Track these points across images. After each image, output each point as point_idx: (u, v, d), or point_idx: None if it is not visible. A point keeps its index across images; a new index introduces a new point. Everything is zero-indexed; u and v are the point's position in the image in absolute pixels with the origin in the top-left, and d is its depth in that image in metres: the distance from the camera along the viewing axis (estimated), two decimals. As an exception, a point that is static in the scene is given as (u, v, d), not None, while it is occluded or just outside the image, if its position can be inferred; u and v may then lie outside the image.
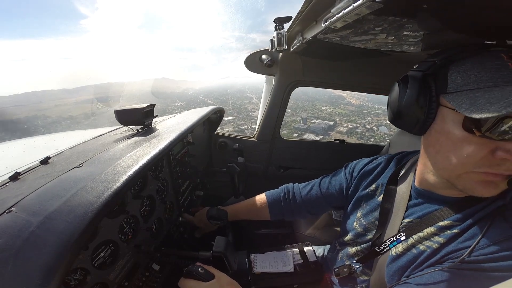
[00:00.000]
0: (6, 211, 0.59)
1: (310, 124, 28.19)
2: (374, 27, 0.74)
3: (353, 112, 33.34)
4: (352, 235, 0.86)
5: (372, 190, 0.84)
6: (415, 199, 0.69)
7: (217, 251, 0.83)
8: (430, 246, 0.59)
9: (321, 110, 34.62)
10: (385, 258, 0.69)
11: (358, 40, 0.92)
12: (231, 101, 42.84)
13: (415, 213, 0.67)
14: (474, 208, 0.57)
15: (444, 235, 0.58)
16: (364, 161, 0.94)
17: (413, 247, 0.62)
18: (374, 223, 0.79)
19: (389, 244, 0.68)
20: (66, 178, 0.73)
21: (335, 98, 37.61)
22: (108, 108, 5.21)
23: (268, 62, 1.52)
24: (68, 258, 0.48)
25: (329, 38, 0.93)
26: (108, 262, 0.75)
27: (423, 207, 0.66)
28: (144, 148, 0.92)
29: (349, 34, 0.85)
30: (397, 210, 0.71)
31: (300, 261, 1.09)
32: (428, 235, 0.60)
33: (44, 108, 60.63)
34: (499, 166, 0.48)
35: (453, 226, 0.58)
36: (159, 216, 1.06)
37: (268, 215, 1.10)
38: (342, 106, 35.57)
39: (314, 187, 1.04)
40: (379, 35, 0.82)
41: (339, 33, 0.83)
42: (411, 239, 0.63)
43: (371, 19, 0.66)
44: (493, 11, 0.46)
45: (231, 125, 26.11)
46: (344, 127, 27.57)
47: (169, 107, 34.99)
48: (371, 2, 0.49)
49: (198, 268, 0.74)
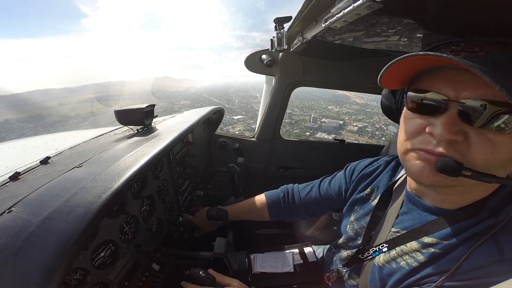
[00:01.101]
0: (6, 211, 0.59)
1: (320, 123, 28.32)
2: (375, 27, 0.74)
3: (359, 111, 33.27)
4: (344, 238, 0.85)
5: (367, 194, 0.82)
6: (405, 207, 0.67)
7: (218, 252, 0.84)
8: (410, 264, 0.57)
9: (328, 109, 34.70)
10: (369, 265, 0.68)
11: (365, 41, 0.92)
12: (237, 100, 42.83)
13: (403, 222, 0.65)
14: (463, 224, 0.54)
15: (426, 253, 0.56)
16: (364, 162, 0.92)
17: (393, 260, 0.61)
18: (365, 228, 0.77)
19: (372, 253, 0.67)
20: (66, 178, 0.73)
21: (339, 97, 37.61)
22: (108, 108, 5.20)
23: (268, 62, 1.52)
24: (68, 258, 0.48)
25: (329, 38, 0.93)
26: (108, 262, 0.75)
27: (411, 216, 0.64)
28: (144, 148, 0.92)
29: (349, 34, 0.85)
30: (389, 218, 0.69)
31: (300, 261, 1.09)
32: (411, 250, 0.58)
33: (49, 107, 60.43)
34: (429, 142, 0.49)
35: (437, 244, 0.55)
36: (159, 216, 1.06)
37: (268, 216, 1.10)
38: (347, 105, 35.60)
39: (313, 188, 1.03)
40: (380, 35, 0.82)
41: (340, 35, 0.83)
42: (393, 252, 0.62)
43: (371, 20, 0.66)
44: (492, 11, 0.46)
45: (241, 124, 26.02)
46: (354, 126, 27.62)
47: (175, 105, 35.03)
48: (371, 2, 0.49)
49: (200, 272, 0.74)
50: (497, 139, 0.44)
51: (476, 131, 0.45)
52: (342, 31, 0.82)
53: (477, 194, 0.55)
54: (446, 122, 0.45)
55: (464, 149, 0.46)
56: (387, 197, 0.73)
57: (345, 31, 0.82)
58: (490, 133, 0.44)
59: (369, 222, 0.75)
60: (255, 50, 1.62)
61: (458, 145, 0.46)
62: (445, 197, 0.58)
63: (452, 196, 0.57)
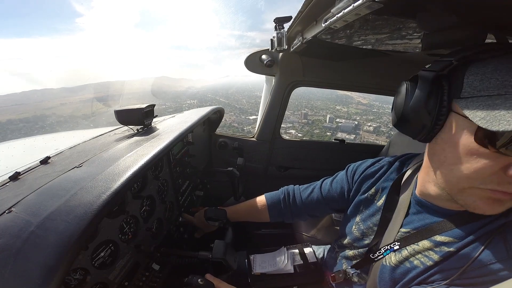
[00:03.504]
0: (6, 211, 0.59)
1: (337, 124, 28.41)
2: (375, 27, 0.74)
3: (367, 111, 33.23)
4: (350, 239, 0.85)
5: (371, 194, 0.82)
6: (414, 208, 0.66)
7: (216, 257, 0.84)
8: (424, 263, 0.56)
9: (336, 109, 34.72)
10: (378, 265, 0.68)
11: (359, 40, 0.92)
12: (244, 100, 42.74)
13: (412, 223, 0.64)
14: (475, 224, 0.52)
15: (439, 251, 0.54)
16: (366, 163, 0.91)
17: (406, 259, 0.60)
18: (372, 228, 0.77)
19: (383, 252, 0.66)
20: (66, 178, 0.73)
21: (343, 97, 37.58)
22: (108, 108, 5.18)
23: (268, 62, 1.52)
24: (68, 258, 0.48)
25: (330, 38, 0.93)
26: (108, 262, 0.75)
27: (421, 216, 0.63)
28: (144, 148, 0.92)
29: (350, 35, 0.85)
30: (396, 218, 0.69)
31: (300, 262, 1.09)
32: (423, 249, 0.57)
33: (50, 106, 59.92)
34: (510, 184, 0.42)
35: (450, 243, 0.54)
36: (159, 216, 1.06)
37: (268, 217, 1.10)
38: (354, 105, 35.58)
39: (315, 190, 1.02)
40: (380, 35, 0.82)
41: (340, 35, 0.83)
42: (405, 251, 0.61)
43: (371, 20, 0.66)
44: (492, 10, 0.46)
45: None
46: (369, 126, 27.68)
47: (183, 105, 35.04)
48: (371, 2, 0.49)
49: (198, 280, 0.74)
50: None
51: None
52: (342, 31, 0.82)
53: None
54: None
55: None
56: (394, 197, 0.73)
57: (345, 31, 0.82)
58: None
59: (379, 224, 0.74)
60: (254, 50, 1.62)
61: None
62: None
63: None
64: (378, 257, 0.68)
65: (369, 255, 0.71)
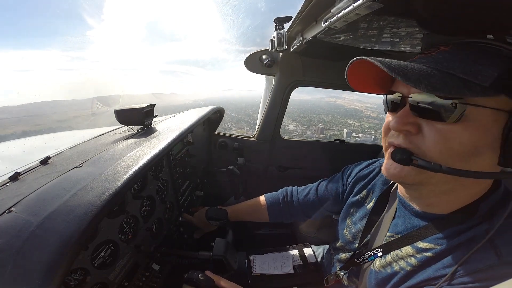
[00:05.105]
0: (6, 211, 0.59)
1: (355, 138, 28.71)
2: (375, 27, 0.74)
3: (379, 125, 33.75)
4: (342, 241, 0.85)
5: (362, 197, 0.82)
6: (399, 211, 0.67)
7: (217, 254, 0.84)
8: (404, 268, 0.57)
9: (349, 123, 35.30)
10: (368, 270, 0.68)
11: (359, 40, 0.92)
12: (255, 114, 43.36)
13: (396, 227, 0.65)
14: (456, 228, 0.54)
15: (419, 257, 0.56)
16: (361, 165, 0.92)
17: (389, 265, 0.61)
18: (361, 231, 0.77)
19: (367, 257, 0.67)
20: (66, 178, 0.73)
21: (353, 111, 38.34)
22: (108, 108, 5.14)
23: (268, 62, 1.52)
24: (68, 258, 0.48)
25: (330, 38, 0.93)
26: (108, 262, 0.75)
27: (403, 220, 0.64)
28: (144, 148, 0.92)
29: (350, 35, 0.85)
30: (385, 222, 0.69)
31: (299, 262, 1.09)
32: (406, 255, 0.58)
33: (64, 119, 59.14)
34: (392, 136, 0.54)
35: (430, 249, 0.55)
36: (159, 216, 1.06)
37: (267, 217, 1.10)
38: (365, 119, 36.56)
39: (311, 191, 1.04)
40: (380, 35, 0.82)
41: (340, 35, 0.83)
42: (389, 257, 0.62)
43: (371, 20, 0.66)
44: (492, 10, 0.46)
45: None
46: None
47: None
48: (371, 2, 0.49)
49: (198, 275, 0.74)
50: (446, 130, 0.46)
51: (427, 123, 0.48)
52: (342, 31, 0.82)
53: (463, 198, 0.54)
54: (399, 115, 0.51)
55: (419, 141, 0.49)
56: (383, 200, 0.73)
57: (345, 31, 0.82)
58: (439, 124, 0.47)
59: (364, 225, 0.75)
60: (254, 51, 1.62)
61: (413, 137, 0.50)
62: (429, 201, 0.58)
63: (434, 199, 0.57)
64: (363, 261, 0.68)
65: (354, 259, 0.72)
